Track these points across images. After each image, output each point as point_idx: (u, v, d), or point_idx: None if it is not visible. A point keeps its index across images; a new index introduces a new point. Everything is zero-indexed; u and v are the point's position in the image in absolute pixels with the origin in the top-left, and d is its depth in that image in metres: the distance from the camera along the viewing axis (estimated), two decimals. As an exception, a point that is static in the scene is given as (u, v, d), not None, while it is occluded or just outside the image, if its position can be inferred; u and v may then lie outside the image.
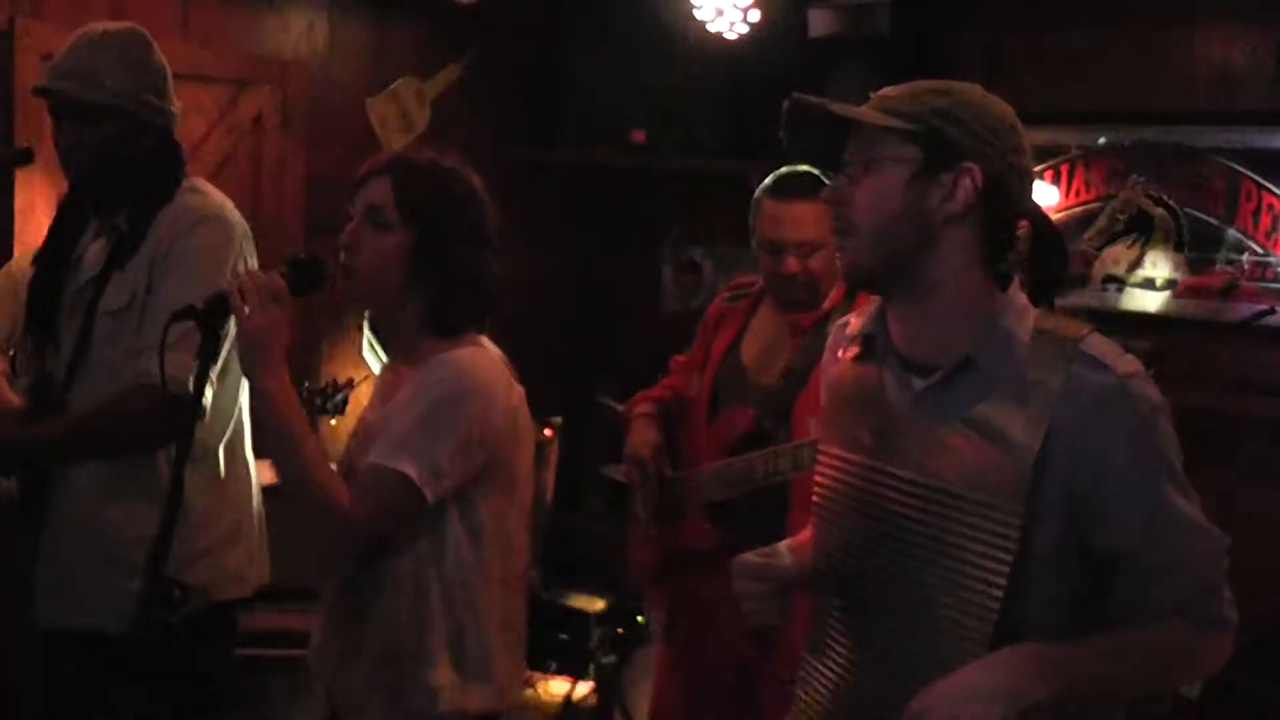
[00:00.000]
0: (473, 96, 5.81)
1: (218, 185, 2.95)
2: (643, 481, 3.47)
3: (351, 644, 2.47)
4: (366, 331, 2.65)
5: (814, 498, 2.11)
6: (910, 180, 1.86)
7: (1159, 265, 4.96)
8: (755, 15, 5.23)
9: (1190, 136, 4.87)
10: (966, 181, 1.84)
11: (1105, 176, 5.10)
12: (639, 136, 5.79)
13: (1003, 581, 1.78)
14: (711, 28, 5.31)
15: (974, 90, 1.92)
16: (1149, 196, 4.99)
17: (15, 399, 3.01)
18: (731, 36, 5.31)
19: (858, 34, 5.35)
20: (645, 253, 6.47)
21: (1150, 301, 5.00)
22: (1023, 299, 1.92)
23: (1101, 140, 5.05)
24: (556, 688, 5.29)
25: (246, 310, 2.21)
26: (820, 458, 2.11)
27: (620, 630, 4.63)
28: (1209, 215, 4.84)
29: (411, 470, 2.31)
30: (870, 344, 2.03)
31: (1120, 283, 5.08)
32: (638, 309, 6.29)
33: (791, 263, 3.23)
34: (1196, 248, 4.89)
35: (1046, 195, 5.20)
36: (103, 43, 2.92)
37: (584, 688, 5.08)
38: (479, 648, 2.46)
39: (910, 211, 1.86)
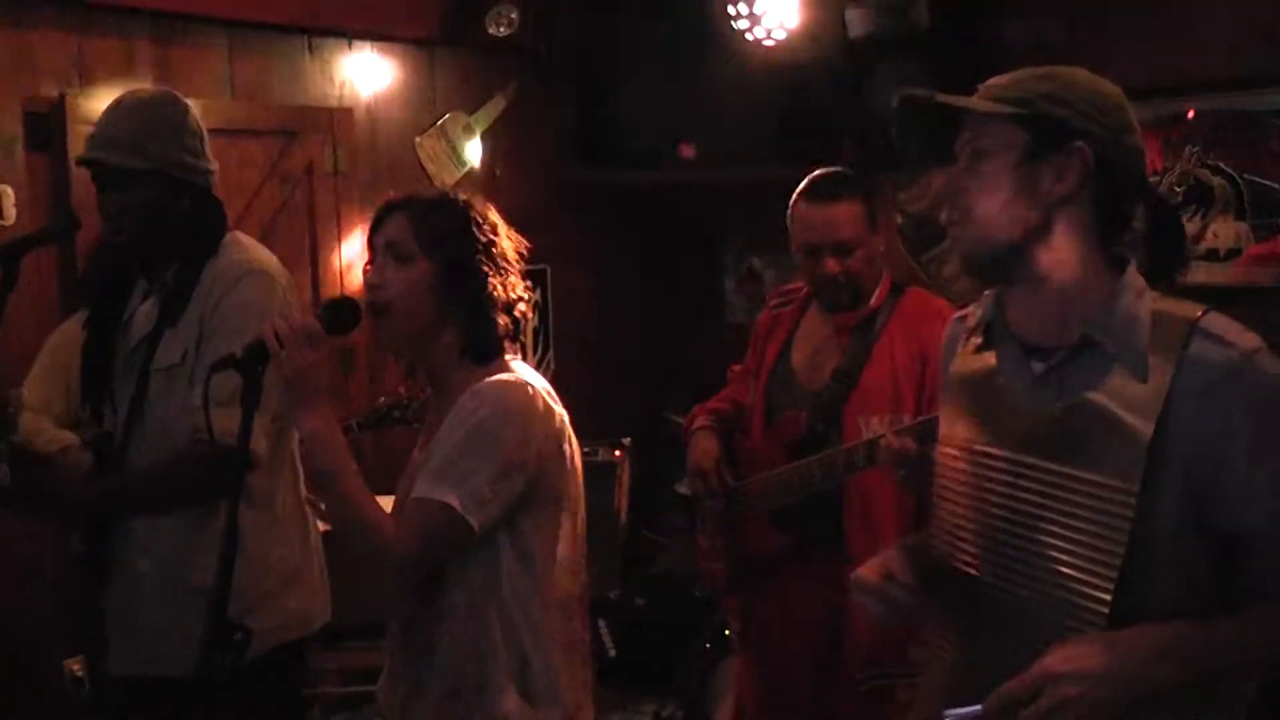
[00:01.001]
0: (522, 126, 5.87)
1: (273, 235, 3.03)
2: (707, 493, 3.49)
3: (416, 680, 2.49)
4: None
5: (938, 486, 2.11)
6: (1019, 164, 1.88)
7: (1221, 235, 4.88)
8: (793, 20, 5.25)
9: (1244, 101, 4.78)
10: (1076, 161, 1.85)
11: (1160, 149, 5.03)
12: (688, 151, 5.81)
13: (1118, 562, 1.77)
14: (750, 36, 5.33)
15: (1079, 72, 1.92)
16: (1206, 166, 4.91)
17: (85, 460, 3.09)
18: (770, 43, 5.32)
19: (897, 30, 5.32)
20: (705, 266, 6.49)
21: (1216, 273, 4.91)
22: (1140, 280, 1.90)
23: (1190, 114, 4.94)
24: (644, 707, 5.30)
25: (284, 354, 2.25)
26: (942, 448, 2.11)
27: (706, 644, 4.62)
28: (1270, 180, 4.74)
29: (453, 500, 2.32)
30: (989, 332, 2.03)
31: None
32: (702, 323, 6.31)
33: (830, 263, 3.25)
34: (1259, 214, 4.79)
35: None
36: (137, 109, 2.98)
37: (671, 704, 5.08)
38: (544, 673, 2.46)
39: (1022, 195, 1.88)
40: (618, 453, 5.05)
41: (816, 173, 3.36)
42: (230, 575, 2.16)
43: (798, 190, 3.35)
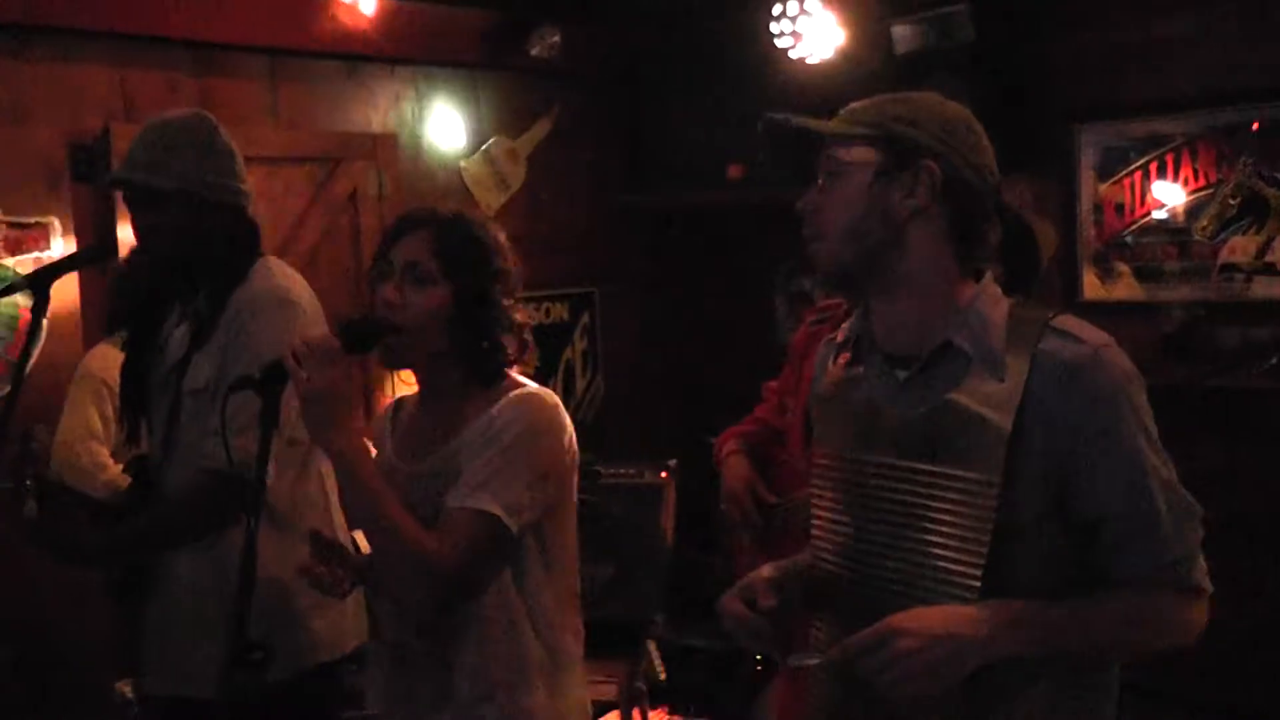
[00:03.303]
0: (566, 149, 5.88)
1: (318, 262, 3.02)
2: (743, 517, 3.46)
3: (440, 689, 2.49)
4: None
5: (813, 496, 2.16)
6: (873, 180, 1.96)
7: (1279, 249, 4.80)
8: (838, 38, 5.22)
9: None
10: (925, 178, 1.94)
11: (1214, 162, 4.95)
12: (736, 172, 5.79)
13: (984, 551, 1.84)
14: (794, 54, 5.31)
15: (930, 97, 2.04)
16: (1261, 177, 4.83)
17: (123, 481, 3.13)
18: (815, 62, 5.31)
19: (942, 45, 5.29)
20: (754, 286, 6.45)
21: (1275, 288, 4.82)
22: (995, 288, 2.00)
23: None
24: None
25: (302, 374, 2.24)
26: (813, 460, 2.18)
27: (754, 666, 4.59)
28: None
29: (496, 508, 2.34)
30: (858, 347, 2.12)
31: (1242, 272, 4.92)
32: (751, 343, 6.26)
33: None
34: (1317, 227, 4.72)
35: (1169, 192, 5.08)
36: (167, 130, 3.00)
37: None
38: (565, 665, 2.53)
39: (875, 209, 1.95)
40: (663, 474, 5.02)
41: None
42: (249, 596, 2.15)
43: None
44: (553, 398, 2.52)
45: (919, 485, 1.95)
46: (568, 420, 2.53)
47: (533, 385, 2.52)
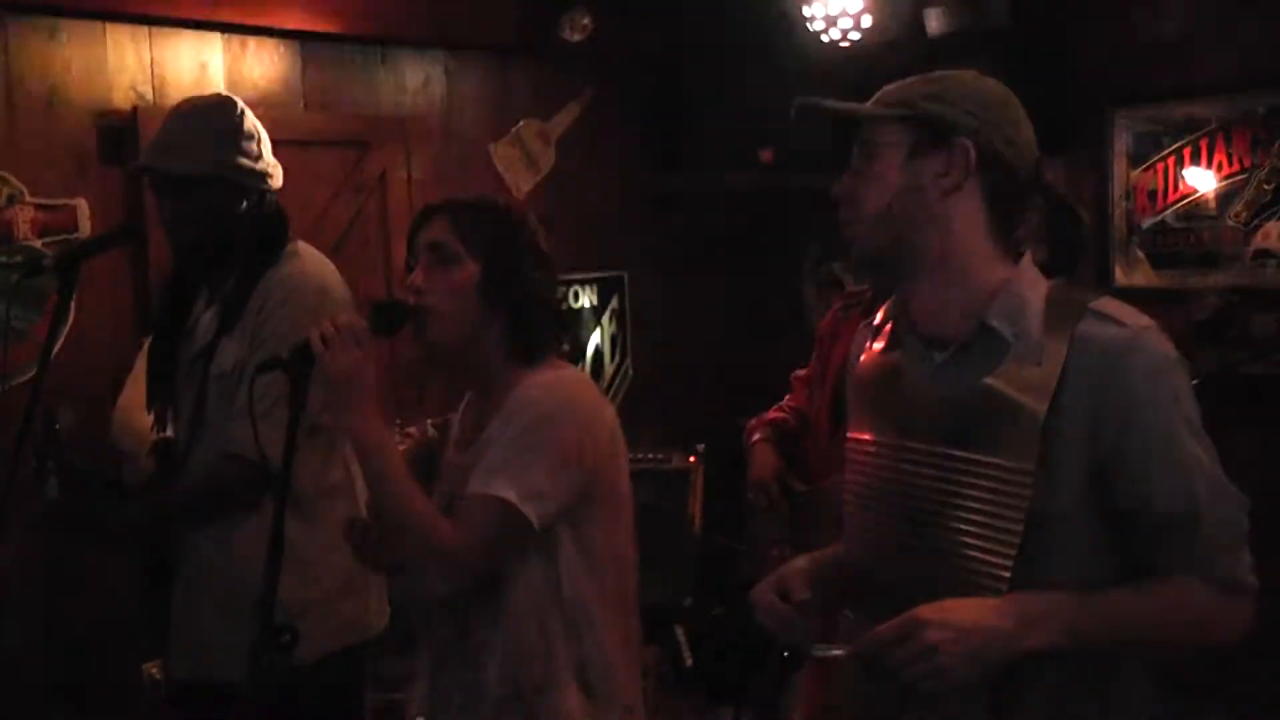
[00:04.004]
0: (596, 133, 5.86)
1: (347, 246, 3.00)
2: (769, 504, 3.44)
3: (472, 686, 2.44)
4: None
5: (846, 483, 2.13)
6: (906, 160, 1.93)
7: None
8: (869, 20, 5.19)
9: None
10: (959, 156, 1.90)
11: (1248, 147, 4.91)
12: (767, 156, 5.76)
13: (1016, 540, 1.81)
14: (826, 38, 5.28)
15: (966, 74, 1.99)
16: (1296, 163, 4.80)
17: (147, 466, 3.12)
18: (847, 44, 5.27)
19: (976, 28, 5.25)
20: (784, 272, 6.43)
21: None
22: (1034, 270, 1.96)
23: None
24: (720, 716, 5.25)
25: (328, 355, 2.22)
26: (846, 444, 2.14)
27: (782, 654, 4.56)
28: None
29: (510, 494, 2.28)
30: (895, 330, 2.10)
31: (1275, 258, 4.88)
32: (781, 329, 6.24)
33: None
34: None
35: (1200, 178, 5.03)
36: (192, 115, 2.99)
37: (747, 714, 5.02)
38: (604, 670, 2.43)
39: (908, 189, 1.93)
40: (692, 459, 5.01)
41: None
42: (276, 580, 2.15)
43: None
44: (586, 382, 2.48)
45: (951, 472, 1.91)
46: (605, 406, 2.47)
47: (569, 367, 2.48)
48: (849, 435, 2.15)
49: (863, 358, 2.17)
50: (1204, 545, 1.82)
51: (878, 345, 2.13)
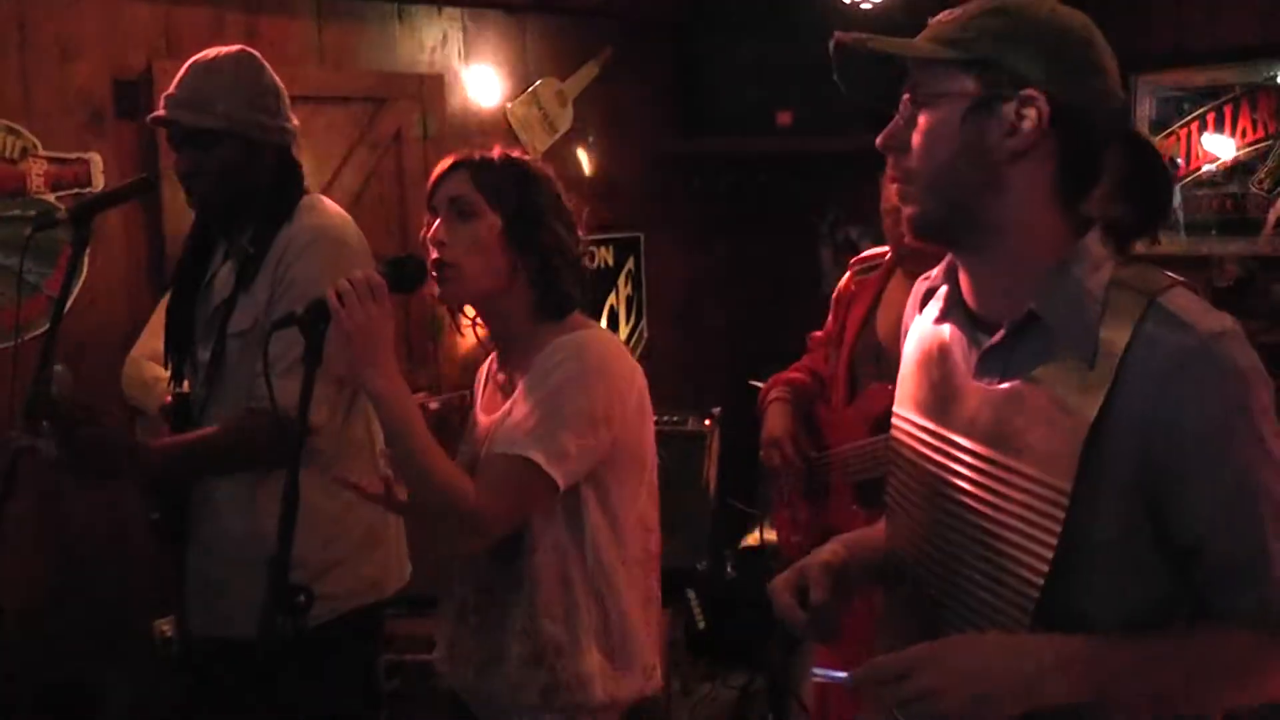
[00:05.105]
0: (614, 93, 5.81)
1: (362, 202, 2.98)
2: (783, 465, 3.41)
3: (494, 647, 2.45)
4: None
5: (890, 464, 1.97)
6: (966, 115, 1.65)
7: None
8: (889, -19, 5.13)
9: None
10: (1030, 112, 1.62)
11: (1273, 112, 4.85)
12: (785, 119, 5.71)
13: (1045, 566, 1.59)
14: (847, 0, 5.21)
15: (1038, 6, 1.68)
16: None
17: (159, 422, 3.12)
18: (868, 6, 5.21)
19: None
20: (802, 234, 6.39)
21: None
22: (1099, 248, 1.67)
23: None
24: (733, 680, 5.26)
25: (344, 310, 2.20)
26: (893, 419, 1.96)
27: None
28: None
29: (538, 455, 2.28)
30: (948, 300, 1.85)
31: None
32: (797, 292, 6.21)
33: None
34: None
35: (1220, 145, 4.98)
36: (213, 68, 2.97)
37: (760, 678, 5.02)
38: (623, 631, 2.45)
39: (968, 150, 1.66)
40: (707, 422, 4.99)
41: None
42: (290, 540, 2.13)
43: None
44: (616, 342, 2.47)
45: (983, 475, 1.70)
46: (635, 368, 2.46)
47: (598, 327, 2.47)
48: (895, 409, 1.97)
49: (918, 319, 1.96)
50: (1269, 594, 1.58)
51: (933, 309, 1.88)
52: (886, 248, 3.39)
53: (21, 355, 3.47)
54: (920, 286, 2.01)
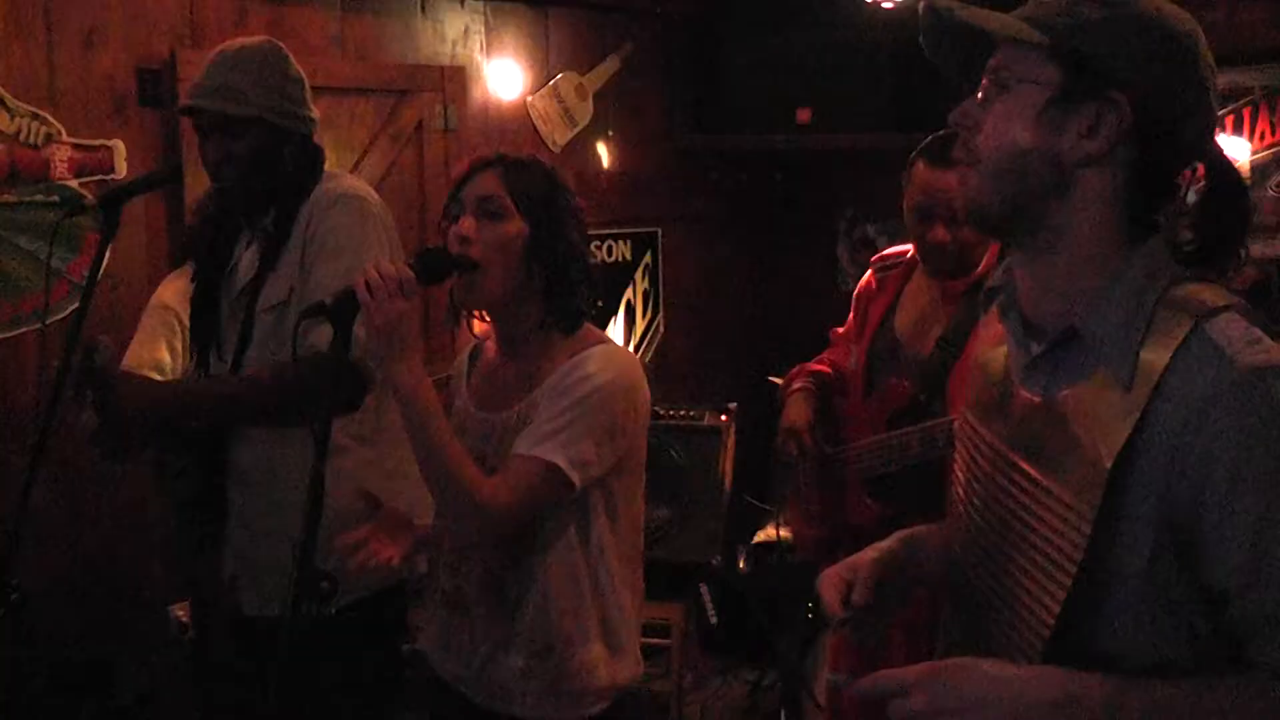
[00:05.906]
0: (635, 87, 5.83)
1: (383, 193, 3.02)
2: (799, 456, 3.42)
3: (501, 639, 2.51)
4: None
5: (954, 462, 1.92)
6: (1046, 107, 1.56)
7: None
8: (912, -20, 5.13)
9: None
10: (1112, 116, 1.53)
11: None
12: (804, 116, 5.72)
13: (1062, 592, 1.51)
14: (868, -2, 5.23)
15: (1147, 1, 1.58)
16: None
17: None
18: (889, 5, 5.22)
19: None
20: (818, 233, 6.40)
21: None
22: (1154, 261, 1.57)
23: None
24: (744, 674, 5.27)
25: (374, 303, 2.22)
26: (959, 418, 1.90)
27: (807, 613, 4.57)
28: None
29: (561, 460, 2.35)
30: (1005, 301, 1.76)
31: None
32: (814, 289, 6.23)
33: (940, 231, 3.13)
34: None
35: (1240, 148, 4.97)
36: (240, 58, 3.00)
37: (772, 673, 5.04)
38: (621, 623, 2.55)
39: (1040, 146, 1.57)
40: (723, 417, 5.00)
41: (944, 133, 3.03)
42: (316, 525, 2.14)
43: (920, 146, 3.19)
44: (634, 358, 2.57)
45: (1017, 487, 1.64)
46: (645, 382, 2.54)
47: (614, 341, 2.55)
48: (964, 407, 1.90)
49: (990, 314, 1.86)
50: None
51: (995, 311, 1.81)
52: (907, 246, 3.39)
53: (47, 338, 3.49)
54: (988, 283, 1.91)
